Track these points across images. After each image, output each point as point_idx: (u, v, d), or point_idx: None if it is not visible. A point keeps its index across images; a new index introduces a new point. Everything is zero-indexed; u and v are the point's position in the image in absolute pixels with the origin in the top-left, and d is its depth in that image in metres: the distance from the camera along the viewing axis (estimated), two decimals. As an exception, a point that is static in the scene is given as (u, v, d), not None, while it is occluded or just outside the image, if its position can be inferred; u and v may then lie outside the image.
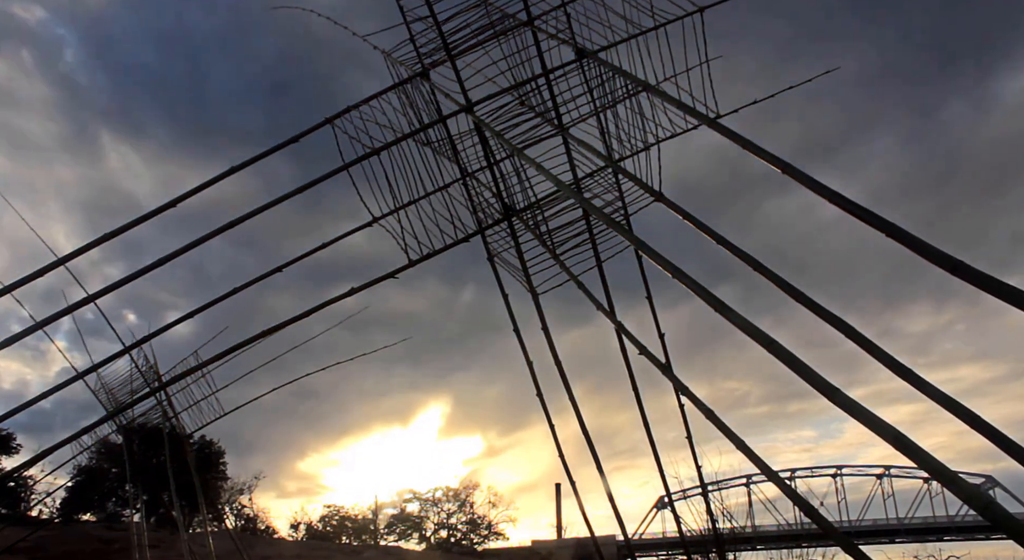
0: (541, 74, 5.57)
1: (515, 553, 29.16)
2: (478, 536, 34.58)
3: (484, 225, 5.99)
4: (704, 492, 6.06)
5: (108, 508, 22.50)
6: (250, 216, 5.83)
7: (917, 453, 2.19)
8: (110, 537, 15.92)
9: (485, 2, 5.37)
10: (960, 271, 2.40)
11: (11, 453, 20.65)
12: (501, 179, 5.88)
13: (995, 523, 1.94)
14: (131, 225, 6.04)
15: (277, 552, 19.70)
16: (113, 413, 8.13)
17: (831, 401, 2.52)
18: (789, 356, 2.72)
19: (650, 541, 46.74)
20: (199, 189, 5.95)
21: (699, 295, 3.15)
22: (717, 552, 8.59)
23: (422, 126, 5.71)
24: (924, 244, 2.57)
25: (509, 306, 6.04)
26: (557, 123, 5.70)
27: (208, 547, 9.23)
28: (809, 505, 2.98)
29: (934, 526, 49.15)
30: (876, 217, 2.78)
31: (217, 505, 22.60)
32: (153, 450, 18.38)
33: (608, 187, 5.94)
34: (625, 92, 5.42)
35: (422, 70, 5.61)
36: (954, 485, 2.07)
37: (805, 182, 3.21)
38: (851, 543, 2.84)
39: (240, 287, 6.57)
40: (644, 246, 3.64)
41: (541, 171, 4.62)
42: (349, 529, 32.51)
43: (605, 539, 21.51)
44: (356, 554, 22.75)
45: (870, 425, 2.36)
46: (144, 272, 6.31)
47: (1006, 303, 2.29)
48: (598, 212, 4.31)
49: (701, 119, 4.16)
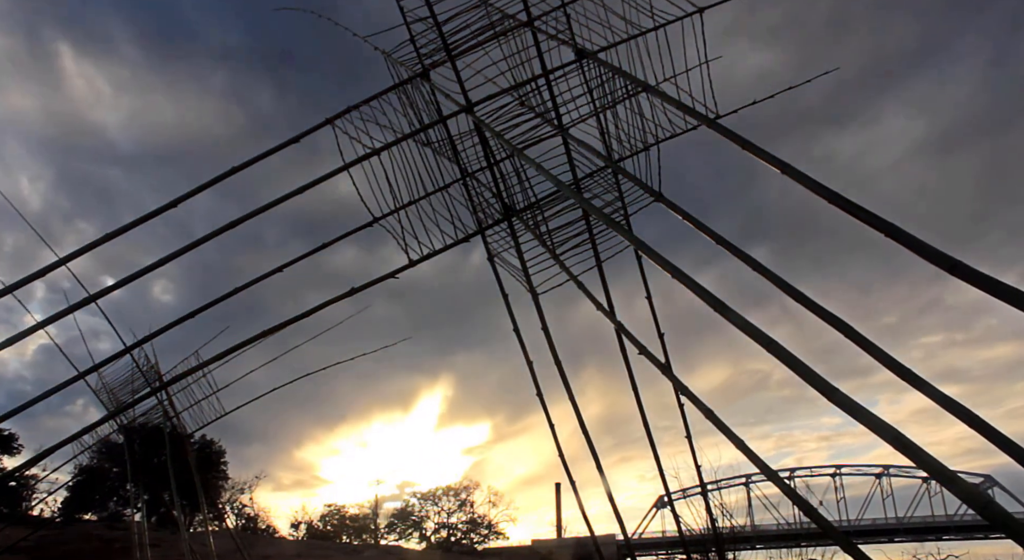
0: (541, 74, 5.59)
1: (515, 552, 29.20)
2: (478, 535, 34.64)
3: (484, 225, 6.01)
4: (703, 491, 6.07)
5: (109, 507, 22.54)
6: (250, 217, 5.86)
7: (916, 453, 2.19)
8: (111, 536, 15.93)
9: (485, 3, 5.38)
10: (958, 271, 2.41)
11: (13, 453, 20.72)
12: (501, 179, 5.89)
13: (994, 522, 1.95)
14: (132, 225, 6.06)
15: (278, 551, 19.73)
16: (114, 413, 8.14)
17: (830, 400, 2.53)
18: (789, 356, 2.74)
19: (650, 540, 46.84)
20: (199, 190, 5.98)
21: (699, 295, 3.16)
22: (716, 551, 8.60)
23: (422, 126, 5.72)
24: (922, 244, 2.58)
25: (509, 306, 6.05)
26: (557, 123, 5.71)
27: (209, 546, 9.25)
28: (808, 504, 2.98)
29: (933, 525, 49.29)
30: (876, 217, 2.79)
31: (218, 504, 22.63)
32: (154, 449, 18.41)
33: (608, 187, 5.95)
34: (625, 92, 5.43)
35: (422, 70, 5.62)
36: (953, 484, 2.08)
37: (804, 182, 3.22)
38: (850, 542, 2.84)
39: (240, 287, 6.58)
40: (644, 246, 3.65)
41: (541, 171, 4.63)
42: (349, 528, 32.56)
43: (605, 538, 21.56)
44: (356, 553, 22.78)
45: (869, 425, 2.36)
46: (146, 271, 6.32)
47: (1004, 303, 2.30)
48: (598, 212, 4.32)
49: (700, 119, 4.17)
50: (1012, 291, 2.27)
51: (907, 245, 2.61)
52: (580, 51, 5.27)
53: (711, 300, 3.12)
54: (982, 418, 2.50)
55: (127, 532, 13.50)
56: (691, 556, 9.56)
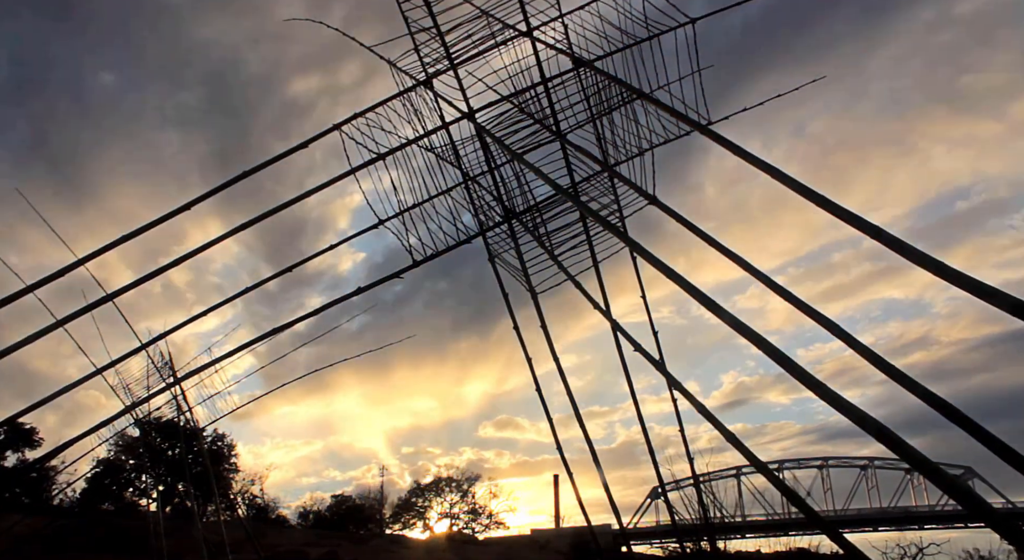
0: (540, 82, 5.79)
1: (515, 542, 29.71)
2: (479, 525, 35.23)
3: (485, 227, 6.24)
4: (696, 483, 6.30)
5: (126, 498, 23.09)
6: (264, 216, 6.11)
7: (900, 445, 2.32)
8: (127, 526, 16.35)
9: (486, 14, 5.57)
10: (942, 272, 2.56)
11: (34, 446, 21.31)
12: (501, 183, 6.11)
13: (973, 511, 2.08)
14: (148, 227, 6.33)
15: (287, 540, 20.14)
16: (130, 407, 8.45)
17: (816, 395, 2.69)
18: (778, 353, 2.90)
19: (645, 529, 47.35)
20: (211, 193, 6.23)
21: (691, 295, 3.36)
22: (708, 540, 8.86)
23: (426, 132, 5.95)
24: (912, 248, 2.73)
25: (509, 305, 6.29)
26: (555, 129, 5.92)
27: (221, 535, 9.59)
28: (796, 495, 3.14)
29: (916, 514, 49.87)
30: (866, 223, 2.95)
31: (229, 495, 23.08)
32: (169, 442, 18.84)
33: (604, 190, 6.16)
34: (620, 100, 5.63)
35: (426, 78, 5.83)
36: (935, 475, 2.22)
37: (795, 188, 3.40)
38: (836, 531, 2.91)
39: (252, 286, 6.86)
40: (638, 247, 3.81)
41: (540, 175, 4.84)
42: (356, 518, 33.13)
43: (601, 528, 21.97)
44: (363, 542, 23.21)
45: (854, 418, 2.51)
46: (162, 271, 6.61)
47: (989, 304, 2.43)
48: (595, 215, 4.52)
49: (693, 125, 4.36)
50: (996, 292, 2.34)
51: (896, 249, 2.77)
52: (577, 60, 5.47)
53: (703, 299, 3.31)
54: (962, 411, 2.68)
55: (143, 521, 13.88)
56: (684, 545, 9.80)
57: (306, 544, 19.75)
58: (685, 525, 9.04)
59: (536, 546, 25.82)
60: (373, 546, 22.06)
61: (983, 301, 2.42)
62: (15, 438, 20.98)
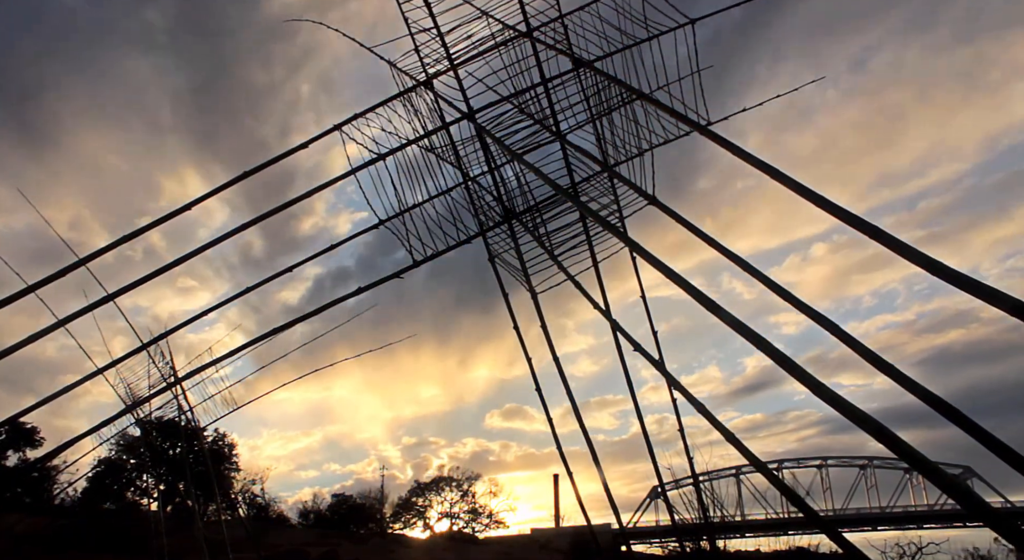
0: (540, 83, 5.79)
1: (515, 541, 29.79)
2: (479, 524, 35.30)
3: (485, 227, 6.25)
4: (695, 482, 6.31)
5: (127, 498, 23.13)
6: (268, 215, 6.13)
7: (899, 445, 2.33)
8: (128, 525, 16.37)
9: (486, 14, 5.58)
10: (936, 270, 2.57)
11: (35, 446, 21.38)
12: (502, 183, 6.12)
13: (972, 511, 2.10)
14: (148, 228, 6.37)
15: (288, 539, 20.17)
16: (131, 407, 8.47)
17: (815, 394, 2.70)
18: (777, 353, 2.91)
19: (644, 529, 47.50)
20: (212, 193, 6.25)
21: (691, 295, 3.37)
22: (708, 539, 8.88)
23: (426, 132, 5.96)
24: (906, 246, 2.74)
25: (509, 305, 6.30)
26: (555, 130, 5.93)
27: (222, 534, 9.61)
28: (796, 494, 3.14)
29: (915, 514, 49.99)
30: (861, 221, 2.97)
31: (230, 495, 23.11)
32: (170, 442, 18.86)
33: (604, 191, 6.17)
34: (620, 100, 5.63)
35: (426, 79, 5.84)
36: (934, 475, 2.23)
37: (792, 186, 3.42)
38: (835, 530, 2.91)
39: (253, 286, 6.88)
40: (638, 247, 3.83)
41: (540, 176, 4.85)
42: (356, 517, 33.18)
43: (601, 528, 22.02)
44: (363, 541, 23.24)
45: (853, 418, 2.51)
46: (163, 271, 6.62)
47: (984, 302, 2.44)
48: (594, 215, 4.53)
49: (693, 126, 4.37)
50: (991, 290, 2.37)
51: (891, 247, 2.78)
52: (577, 61, 5.48)
53: (703, 300, 3.32)
54: (962, 411, 2.69)
55: (144, 521, 13.90)
56: (683, 544, 9.83)
57: (307, 543, 19.79)
58: (685, 524, 9.07)
59: (536, 546, 25.88)
60: (373, 546, 22.09)
61: (983, 301, 2.43)
62: (16, 438, 21.05)
